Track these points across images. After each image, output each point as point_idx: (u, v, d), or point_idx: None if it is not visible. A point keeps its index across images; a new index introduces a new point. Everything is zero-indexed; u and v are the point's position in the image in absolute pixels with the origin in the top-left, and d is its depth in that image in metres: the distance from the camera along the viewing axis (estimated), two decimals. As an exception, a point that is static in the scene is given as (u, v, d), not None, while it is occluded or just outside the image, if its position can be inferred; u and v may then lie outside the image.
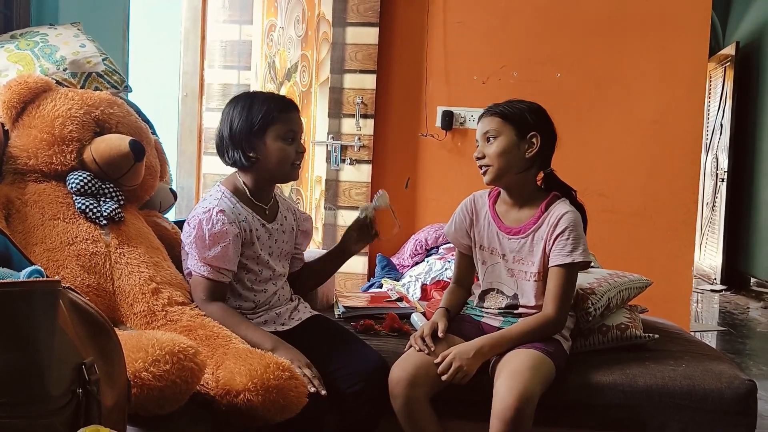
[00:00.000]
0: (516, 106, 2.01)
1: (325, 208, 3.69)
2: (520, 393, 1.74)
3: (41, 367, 1.00)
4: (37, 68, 2.10)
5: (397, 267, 3.54)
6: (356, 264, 3.65)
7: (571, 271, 1.95)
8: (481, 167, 1.99)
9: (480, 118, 2.03)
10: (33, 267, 1.12)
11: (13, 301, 0.99)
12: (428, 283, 3.23)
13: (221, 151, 1.99)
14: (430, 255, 3.51)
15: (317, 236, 3.67)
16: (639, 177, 3.63)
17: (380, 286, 3.22)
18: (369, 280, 3.57)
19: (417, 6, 3.69)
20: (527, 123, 1.98)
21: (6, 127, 1.96)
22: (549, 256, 1.96)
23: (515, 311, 2.02)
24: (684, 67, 3.58)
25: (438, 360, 1.88)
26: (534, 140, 1.97)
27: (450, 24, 3.69)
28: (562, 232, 1.94)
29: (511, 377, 1.78)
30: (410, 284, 3.26)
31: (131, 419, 1.40)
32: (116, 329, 1.63)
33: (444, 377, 1.84)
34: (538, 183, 2.07)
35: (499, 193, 2.08)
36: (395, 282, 3.29)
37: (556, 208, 1.98)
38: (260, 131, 1.92)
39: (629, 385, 1.94)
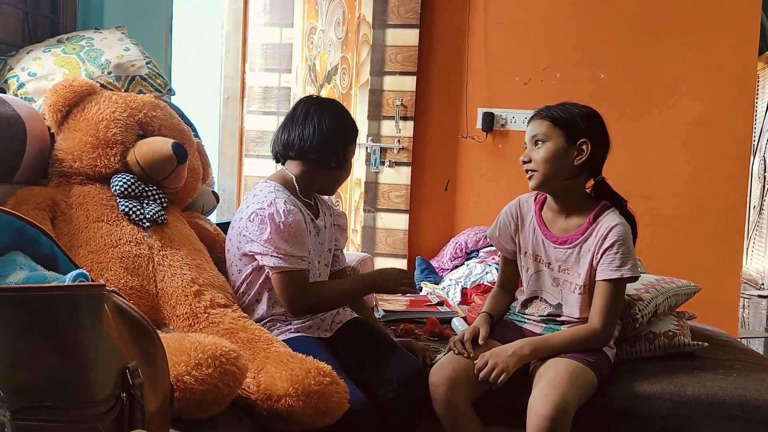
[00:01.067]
0: (569, 110, 1.94)
1: (364, 210, 3.68)
2: (556, 403, 1.70)
3: (85, 372, 0.99)
4: (83, 72, 2.13)
5: (437, 270, 3.51)
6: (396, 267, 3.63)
7: (619, 286, 1.90)
8: (527, 171, 1.95)
9: (530, 120, 1.98)
10: (78, 271, 1.13)
11: (57, 305, 0.99)
12: (468, 287, 3.20)
13: (305, 147, 1.95)
14: (470, 258, 3.47)
15: (356, 238, 3.67)
16: (684, 179, 3.55)
17: (420, 290, 3.20)
18: (408, 284, 3.54)
19: (458, 7, 3.66)
20: (578, 129, 1.91)
21: (52, 131, 1.99)
22: (596, 270, 1.91)
23: (558, 319, 1.98)
24: (731, 67, 3.49)
25: (477, 360, 1.85)
26: (584, 147, 1.91)
27: (491, 25, 3.65)
28: (611, 245, 1.88)
29: (548, 386, 1.74)
30: (450, 288, 3.23)
31: (173, 422, 1.40)
32: (159, 331, 1.65)
33: (480, 375, 1.82)
34: (588, 191, 2.02)
35: (546, 198, 2.03)
36: (435, 285, 3.26)
37: (606, 219, 1.93)
38: (349, 143, 2.02)
39: (677, 394, 1.89)
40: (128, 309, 1.19)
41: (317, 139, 1.95)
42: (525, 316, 2.05)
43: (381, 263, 3.66)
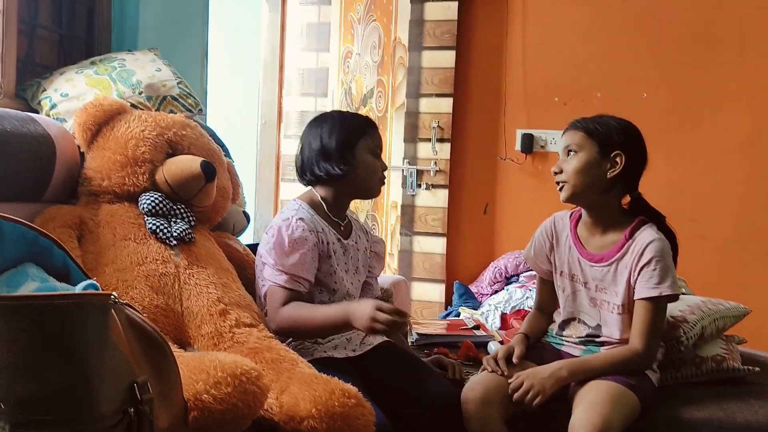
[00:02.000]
0: (604, 121, 1.88)
1: (400, 234, 3.62)
2: (599, 426, 1.61)
3: (90, 384, 0.95)
4: (114, 92, 2.13)
5: (476, 295, 3.43)
6: (433, 292, 3.57)
7: (658, 304, 1.80)
8: (557, 183, 1.88)
9: (564, 132, 1.92)
10: (88, 281, 1.10)
11: (62, 314, 0.95)
12: (508, 312, 3.11)
13: (305, 168, 1.97)
14: (510, 283, 3.39)
15: (393, 263, 3.61)
16: (733, 201, 3.42)
17: (457, 315, 3.12)
18: (446, 309, 3.47)
19: (495, 28, 3.62)
20: (612, 141, 1.84)
21: (81, 150, 1.99)
22: (634, 288, 1.82)
23: (597, 340, 1.89)
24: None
25: (512, 378, 1.78)
26: (618, 159, 1.83)
27: (529, 45, 3.60)
28: (648, 262, 1.79)
29: (590, 409, 1.65)
30: (489, 313, 3.15)
31: (193, 443, 1.36)
32: (182, 350, 1.62)
33: (515, 396, 1.74)
34: (624, 207, 1.94)
35: (581, 215, 1.96)
36: (473, 311, 3.18)
37: (642, 235, 1.84)
38: (352, 144, 1.92)
39: (727, 421, 1.77)
40: (141, 323, 1.15)
41: (309, 158, 1.95)
42: (563, 338, 1.97)
43: (418, 288, 3.59)
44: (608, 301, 1.87)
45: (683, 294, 2.17)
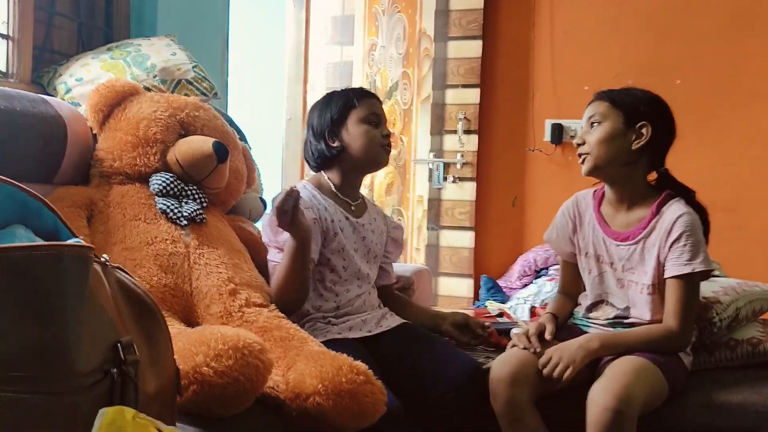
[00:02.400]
0: (630, 92, 1.80)
1: (427, 228, 3.55)
2: (619, 394, 1.52)
3: (66, 341, 0.90)
4: (128, 75, 2.11)
5: (504, 290, 3.34)
6: (461, 286, 3.49)
7: (691, 281, 1.71)
8: (579, 156, 1.80)
9: (589, 103, 1.84)
10: (75, 239, 1.05)
11: (39, 265, 0.90)
12: (537, 305, 3.01)
13: (306, 153, 1.97)
14: (540, 276, 3.29)
15: (419, 257, 3.54)
16: (771, 189, 3.28)
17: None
18: (474, 304, 3.38)
19: (522, 17, 3.54)
20: (638, 111, 1.76)
21: (94, 131, 1.96)
22: (665, 266, 1.73)
23: (626, 321, 1.80)
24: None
25: (541, 356, 1.69)
26: (644, 131, 1.74)
27: (557, 34, 3.51)
28: (678, 237, 1.70)
29: (611, 379, 1.57)
30: (518, 307, 3.05)
31: (194, 420, 1.31)
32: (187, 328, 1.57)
33: (544, 371, 1.65)
34: (651, 183, 1.85)
35: (604, 193, 1.87)
36: (501, 305, 3.09)
37: (670, 209, 1.75)
38: (341, 118, 1.89)
39: (762, 405, 1.67)
40: (132, 286, 1.11)
41: (307, 144, 1.96)
42: (590, 320, 1.88)
43: (445, 283, 3.52)
44: (636, 282, 1.78)
45: (717, 277, 2.07)
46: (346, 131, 1.89)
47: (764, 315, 2.02)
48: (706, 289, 1.90)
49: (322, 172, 1.96)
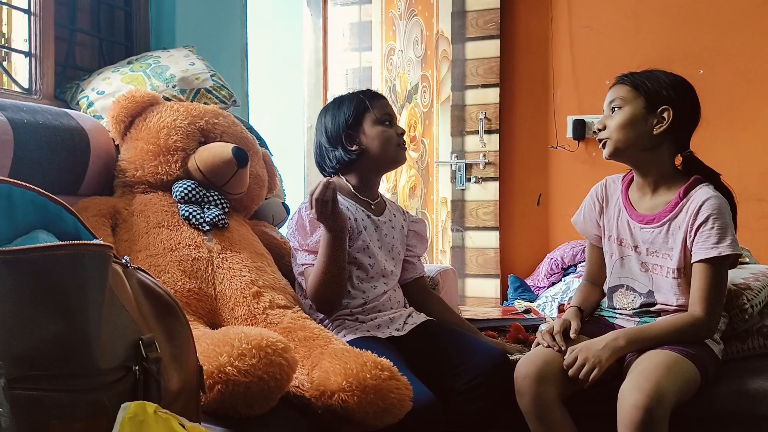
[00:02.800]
0: (653, 76, 1.77)
1: (452, 230, 3.54)
2: (650, 391, 1.48)
3: (87, 338, 0.91)
4: (148, 87, 2.14)
5: (532, 288, 3.31)
6: (488, 287, 3.47)
7: (718, 266, 1.67)
8: (600, 140, 1.78)
9: (610, 87, 1.82)
10: (96, 240, 1.06)
11: (60, 265, 0.92)
12: (566, 303, 2.98)
13: (321, 160, 1.98)
14: (568, 274, 3.26)
15: (445, 259, 3.52)
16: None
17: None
18: (502, 304, 3.36)
19: (539, 14, 3.52)
20: (660, 95, 1.73)
21: (116, 142, 1.99)
22: (692, 251, 1.70)
23: (652, 309, 1.77)
24: None
25: (567, 354, 1.66)
26: (665, 115, 1.72)
27: (576, 29, 3.49)
28: (705, 221, 1.67)
29: (640, 375, 1.53)
30: (546, 305, 3.03)
31: (221, 420, 1.31)
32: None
33: (570, 372, 1.62)
34: (678, 168, 1.82)
35: (633, 178, 1.85)
36: (530, 304, 3.07)
37: (697, 193, 1.72)
38: (356, 122, 1.90)
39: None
40: (153, 286, 1.12)
41: (320, 151, 1.97)
42: (615, 310, 1.85)
43: (472, 284, 3.50)
44: (661, 265, 1.75)
45: (747, 264, 2.03)
46: (364, 134, 1.90)
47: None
48: (736, 275, 1.87)
49: (339, 175, 1.97)
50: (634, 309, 1.80)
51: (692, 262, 1.69)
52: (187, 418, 0.99)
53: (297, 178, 3.82)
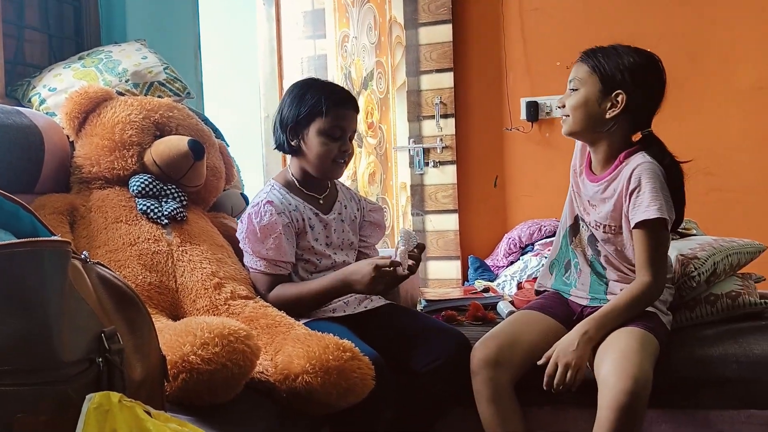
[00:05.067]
0: (614, 55, 1.79)
1: (412, 214, 3.58)
2: (635, 376, 1.53)
3: (49, 332, 0.93)
4: (101, 82, 2.13)
5: (491, 268, 3.38)
6: (449, 269, 3.52)
7: (655, 229, 1.70)
8: (562, 116, 1.84)
9: (574, 62, 1.85)
10: (52, 237, 1.07)
11: (19, 262, 0.93)
12: (524, 281, 3.05)
13: (273, 132, 1.96)
14: (525, 253, 3.32)
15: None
16: (749, 150, 3.32)
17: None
18: (463, 285, 3.42)
19: (490, -3, 3.57)
20: (615, 79, 1.75)
21: (71, 139, 1.99)
22: (630, 217, 1.74)
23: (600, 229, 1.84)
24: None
25: (542, 362, 1.68)
26: (619, 99, 1.75)
27: (526, 11, 3.54)
28: (638, 186, 1.72)
29: (622, 360, 1.57)
30: (505, 283, 3.09)
31: (187, 409, 1.33)
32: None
33: (555, 382, 1.63)
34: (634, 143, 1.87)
35: None
36: (489, 283, 3.13)
37: (634, 159, 1.77)
38: (305, 122, 1.86)
39: (743, 354, 1.71)
40: (113, 279, 1.14)
41: (274, 123, 1.94)
42: (568, 282, 1.91)
43: (433, 266, 3.55)
44: (593, 219, 1.83)
45: (694, 235, 2.11)
46: (306, 136, 1.86)
47: (743, 269, 2.06)
48: (684, 246, 1.94)
49: (288, 167, 1.97)
50: (589, 244, 1.87)
51: (631, 228, 1.73)
52: (153, 407, 1.01)
53: (255, 168, 3.83)
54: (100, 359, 1.00)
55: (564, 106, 1.82)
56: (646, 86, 1.79)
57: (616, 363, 1.58)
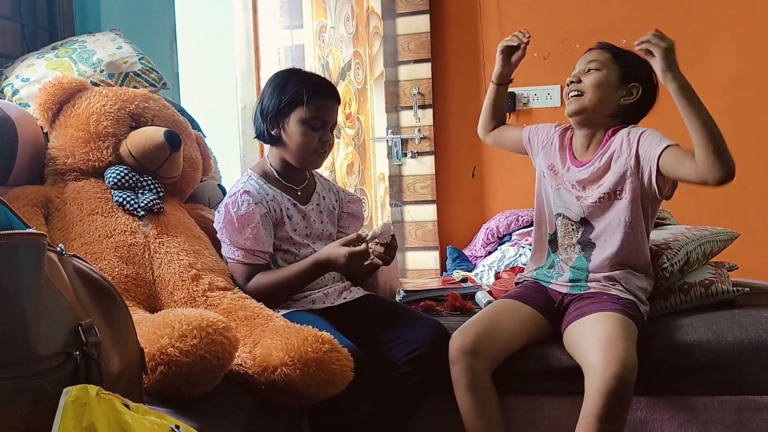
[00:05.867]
0: (631, 54, 1.85)
1: (390, 205, 3.58)
2: (623, 360, 1.56)
3: (25, 326, 0.93)
4: (75, 72, 2.11)
5: (470, 258, 3.39)
6: (427, 259, 3.53)
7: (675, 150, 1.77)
8: (570, 93, 1.85)
9: (589, 50, 1.90)
10: (27, 229, 1.06)
11: (-8, 255, 0.92)
12: (502, 270, 3.07)
13: (254, 121, 1.95)
14: (503, 243, 3.34)
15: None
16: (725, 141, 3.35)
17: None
18: (441, 275, 3.43)
19: (467, -13, 3.56)
20: (635, 72, 1.84)
21: (45, 130, 1.96)
22: (646, 156, 1.77)
23: (590, 240, 1.87)
24: (763, 18, 3.30)
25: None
26: (634, 91, 1.84)
27: (503, 2, 3.54)
28: (642, 132, 1.80)
29: (607, 345, 1.59)
30: (483, 273, 3.10)
31: (166, 401, 1.33)
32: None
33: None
34: None
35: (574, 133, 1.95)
36: (467, 273, 3.14)
37: (622, 129, 1.85)
38: (286, 111, 1.86)
39: (717, 341, 1.74)
40: (89, 272, 1.13)
41: (255, 112, 1.93)
42: (551, 272, 1.93)
43: (412, 257, 3.56)
44: (590, 195, 1.86)
45: (668, 225, 2.13)
46: (287, 125, 1.86)
47: (716, 257, 2.09)
48: (657, 236, 1.96)
49: (266, 157, 1.97)
50: (572, 244, 1.90)
51: (657, 156, 1.75)
52: (131, 400, 1.01)
53: (232, 159, 3.80)
54: (77, 352, 0.99)
55: (578, 81, 1.84)
56: (654, 89, 1.88)
57: (603, 349, 1.59)
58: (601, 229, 1.84)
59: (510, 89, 3.48)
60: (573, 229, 1.89)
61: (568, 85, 1.88)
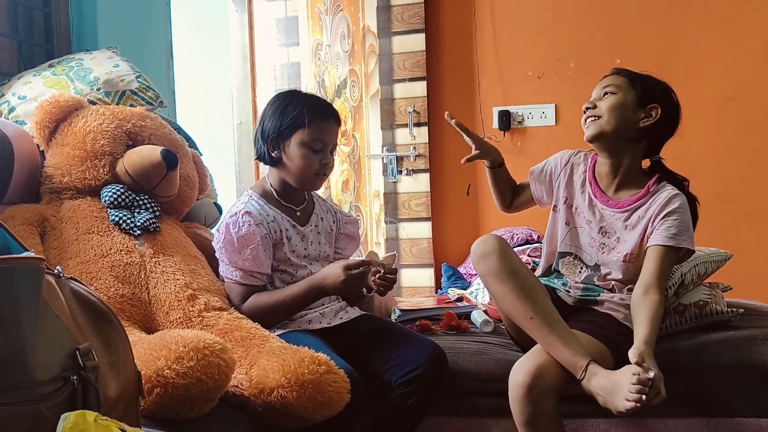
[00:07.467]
0: (647, 76, 1.89)
1: (385, 222, 3.59)
2: (529, 369, 1.61)
3: (23, 350, 0.92)
4: (72, 90, 2.11)
5: (464, 276, 3.39)
6: (422, 277, 3.53)
7: (672, 254, 1.76)
8: (587, 119, 1.85)
9: (605, 77, 1.91)
10: (26, 253, 1.06)
11: (-10, 279, 0.92)
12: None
13: (255, 143, 1.97)
14: (498, 261, 3.34)
15: (380, 251, 3.57)
16: (716, 159, 3.38)
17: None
18: (436, 292, 3.43)
19: (462, 7, 3.60)
20: (652, 93, 1.85)
21: (41, 148, 1.96)
22: (649, 236, 1.78)
23: (596, 278, 1.86)
24: (755, 38, 3.33)
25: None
26: (653, 112, 1.83)
27: (498, 21, 3.57)
28: (671, 213, 1.77)
29: (529, 354, 1.66)
30: (478, 291, 3.10)
31: (163, 423, 1.32)
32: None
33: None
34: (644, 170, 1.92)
35: (597, 161, 1.92)
36: (462, 291, 3.14)
37: (666, 189, 1.83)
38: (287, 133, 1.87)
39: (710, 363, 1.76)
40: (87, 294, 1.12)
41: (256, 134, 1.94)
42: (560, 282, 1.92)
43: (407, 274, 3.56)
44: (612, 247, 1.84)
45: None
46: (288, 148, 1.87)
47: (710, 277, 2.10)
48: (653, 258, 1.96)
49: (266, 177, 1.97)
50: (576, 281, 1.89)
51: (649, 245, 1.76)
52: (128, 424, 1.00)
53: (228, 176, 3.81)
54: (75, 377, 0.99)
55: (594, 107, 1.85)
56: (675, 110, 1.88)
57: (524, 358, 1.65)
58: (608, 270, 1.86)
59: (505, 108, 3.55)
60: (579, 271, 1.90)
61: (584, 112, 1.87)
